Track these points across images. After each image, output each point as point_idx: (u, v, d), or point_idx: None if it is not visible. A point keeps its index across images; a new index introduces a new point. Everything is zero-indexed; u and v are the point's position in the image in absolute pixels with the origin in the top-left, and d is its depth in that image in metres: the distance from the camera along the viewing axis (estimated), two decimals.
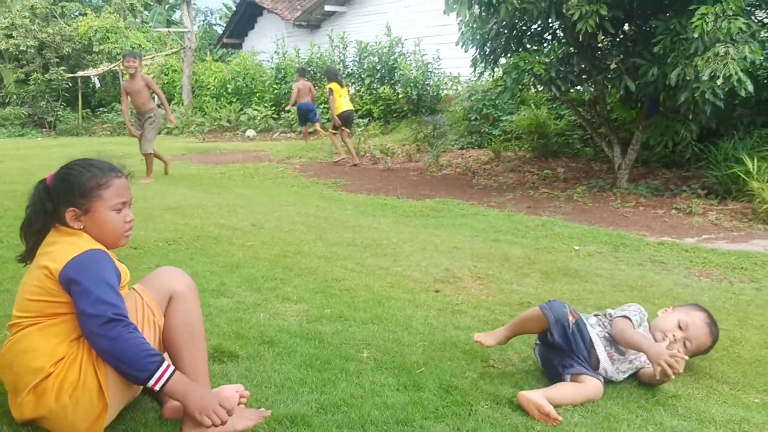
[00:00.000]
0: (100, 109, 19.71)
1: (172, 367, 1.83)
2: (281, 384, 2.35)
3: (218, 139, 14.94)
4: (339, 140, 10.36)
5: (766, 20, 6.98)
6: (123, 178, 2.01)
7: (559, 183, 7.95)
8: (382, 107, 14.04)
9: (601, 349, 2.43)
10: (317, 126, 12.91)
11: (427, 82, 13.37)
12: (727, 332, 2.95)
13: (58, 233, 1.93)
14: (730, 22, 5.66)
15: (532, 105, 10.55)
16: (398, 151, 10.93)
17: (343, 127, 10.23)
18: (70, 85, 19.62)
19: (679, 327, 2.51)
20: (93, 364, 1.83)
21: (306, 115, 12.90)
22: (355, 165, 10.00)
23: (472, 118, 11.24)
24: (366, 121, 13.74)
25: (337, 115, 10.22)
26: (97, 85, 19.94)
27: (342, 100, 10.32)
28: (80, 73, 19.45)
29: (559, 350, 2.41)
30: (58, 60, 19.85)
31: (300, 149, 11.39)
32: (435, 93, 13.47)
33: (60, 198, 1.93)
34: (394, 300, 3.41)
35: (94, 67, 19.73)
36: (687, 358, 2.35)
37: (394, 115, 13.97)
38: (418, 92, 13.29)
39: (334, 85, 10.37)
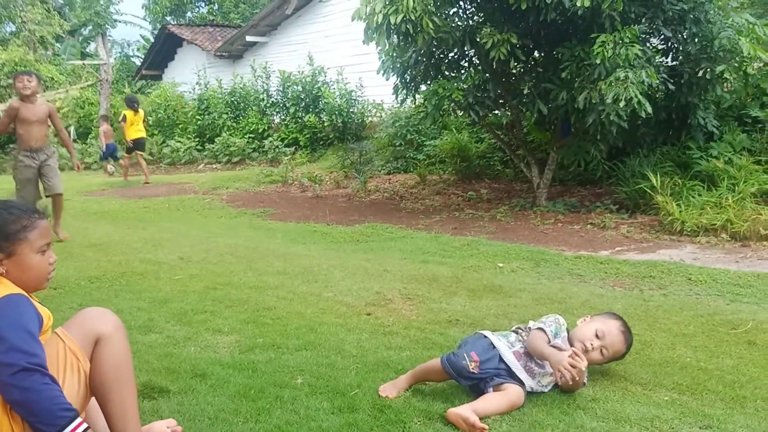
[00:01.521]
0: (10, 145, 18.81)
1: (85, 425, 1.73)
2: (215, 416, 2.36)
3: (140, 172, 14.54)
4: (128, 163, 12.54)
5: (659, 47, 7.55)
6: (45, 220, 1.97)
7: (482, 203, 8.23)
8: (308, 135, 14.11)
9: (520, 371, 2.56)
10: (123, 161, 14.26)
11: (351, 110, 13.55)
12: (638, 336, 3.15)
13: None
14: (627, 49, 6.10)
15: (454, 129, 10.89)
16: (326, 178, 11.02)
17: (137, 151, 12.32)
18: None
19: (597, 336, 2.67)
20: (8, 415, 1.73)
21: (113, 153, 14.58)
22: (147, 183, 11.85)
23: (397, 144, 11.48)
24: (292, 149, 13.77)
25: (132, 140, 12.06)
26: None
27: (134, 128, 12.09)
28: None
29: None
30: None
31: (226, 180, 11.28)
32: (360, 120, 13.66)
33: None
34: (327, 325, 3.46)
35: (2, 103, 18.86)
36: (586, 363, 2.51)
37: (321, 143, 14.06)
38: (343, 120, 13.45)
39: (128, 112, 12.11)
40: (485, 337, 2.66)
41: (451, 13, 7.76)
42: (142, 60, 23.59)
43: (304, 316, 3.64)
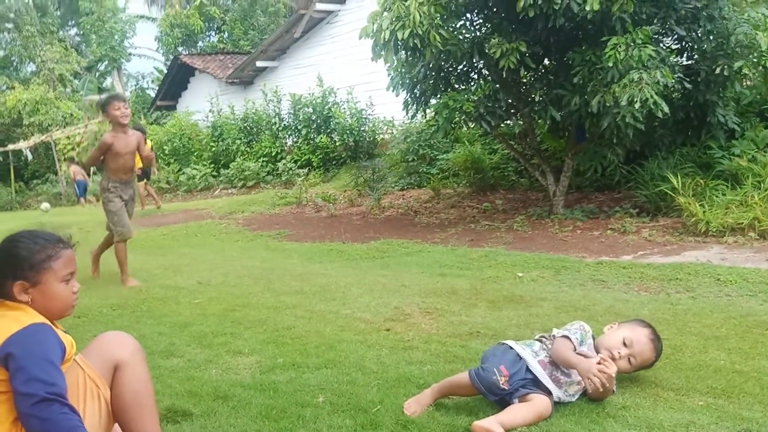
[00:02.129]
0: (34, 181, 19.21)
1: None
2: None
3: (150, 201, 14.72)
4: (144, 192, 12.84)
5: (674, 46, 7.47)
6: (70, 249, 1.98)
7: (498, 214, 8.15)
8: (320, 156, 14.18)
9: (546, 380, 2.48)
10: (82, 201, 16.68)
11: (362, 128, 13.59)
12: (668, 341, 3.06)
13: (2, 308, 1.86)
14: (640, 50, 6.04)
15: (466, 142, 10.85)
16: (340, 197, 11.01)
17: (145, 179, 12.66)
18: (1, 159, 19.08)
19: (624, 344, 2.58)
20: None
21: (85, 188, 16.91)
22: (158, 207, 12.73)
23: (410, 159, 11.46)
24: (306, 170, 13.83)
25: (139, 168, 11.94)
26: (29, 157, 19.45)
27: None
28: (10, 147, 18.97)
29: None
30: None
31: (242, 204, 11.33)
32: (371, 138, 13.70)
33: (5, 272, 1.87)
34: (346, 342, 3.41)
35: (25, 140, 19.27)
36: (615, 369, 2.43)
37: (333, 162, 14.11)
38: (355, 138, 13.50)
39: None
40: (511, 348, 2.58)
41: (458, 25, 7.75)
42: (156, 91, 23.93)
43: (323, 335, 3.59)
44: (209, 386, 2.84)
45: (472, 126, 8.88)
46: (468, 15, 7.84)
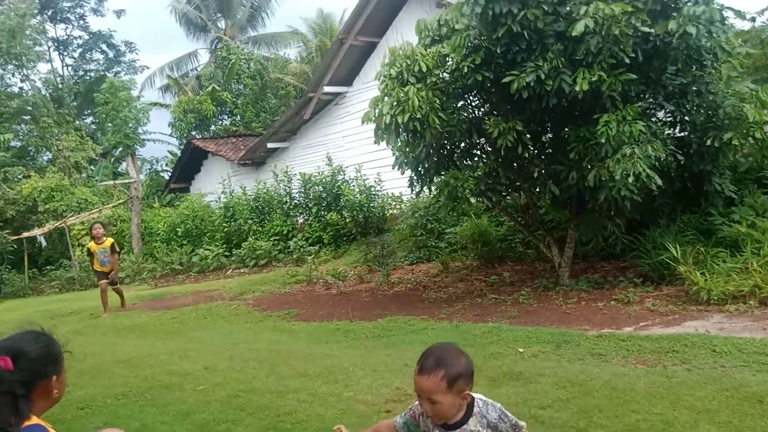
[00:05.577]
0: (48, 267, 19.47)
1: None
2: None
3: (171, 283, 14.88)
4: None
5: (667, 119, 7.68)
6: None
7: (505, 287, 8.18)
8: (331, 233, 14.37)
9: None
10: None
11: (371, 204, 13.83)
12: (661, 416, 3.09)
13: None
14: (630, 126, 6.24)
15: (473, 215, 11.00)
16: (350, 273, 11.11)
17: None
18: (15, 246, 19.40)
19: (420, 396, 2.25)
20: None
21: None
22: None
23: (418, 234, 11.61)
24: (317, 248, 14.01)
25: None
26: (44, 244, 19.77)
27: None
28: (25, 234, 19.29)
29: None
30: (1, 224, 19.73)
31: (253, 284, 11.44)
32: (380, 213, 13.91)
33: (46, 369, 1.95)
34: (346, 427, 3.43)
35: (39, 227, 19.63)
36: None
37: (344, 239, 14.28)
38: (364, 215, 13.72)
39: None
40: None
41: (458, 105, 8.03)
42: (170, 174, 24.53)
43: (323, 419, 3.63)
44: None
45: (474, 202, 9.05)
46: (466, 96, 8.14)
